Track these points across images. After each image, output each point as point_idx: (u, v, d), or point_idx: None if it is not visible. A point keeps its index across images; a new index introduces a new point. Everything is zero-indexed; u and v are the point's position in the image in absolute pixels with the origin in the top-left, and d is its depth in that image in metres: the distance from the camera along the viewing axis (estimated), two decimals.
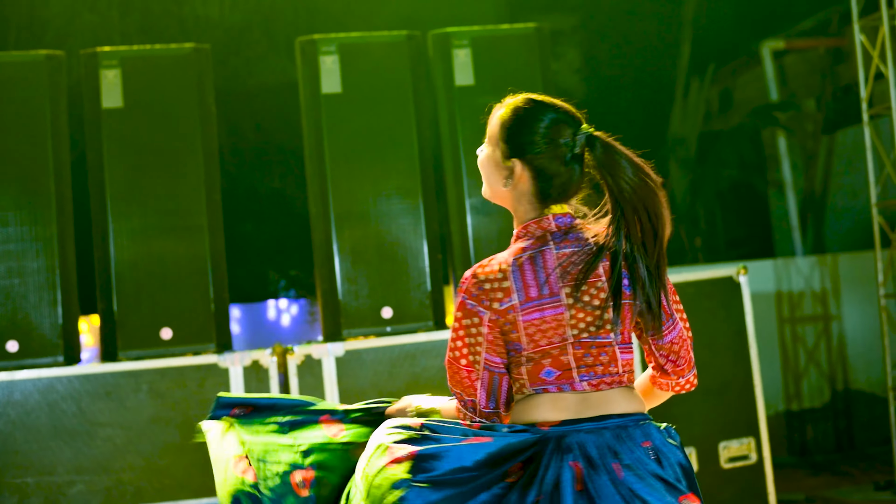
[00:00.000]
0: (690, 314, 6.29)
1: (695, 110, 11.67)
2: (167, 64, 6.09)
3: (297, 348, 5.86)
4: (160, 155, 5.99)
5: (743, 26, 12.77)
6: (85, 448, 5.60)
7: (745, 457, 6.32)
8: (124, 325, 5.84)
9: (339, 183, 6.12)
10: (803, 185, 11.94)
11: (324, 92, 6.16)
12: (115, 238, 5.87)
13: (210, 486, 5.70)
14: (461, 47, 6.31)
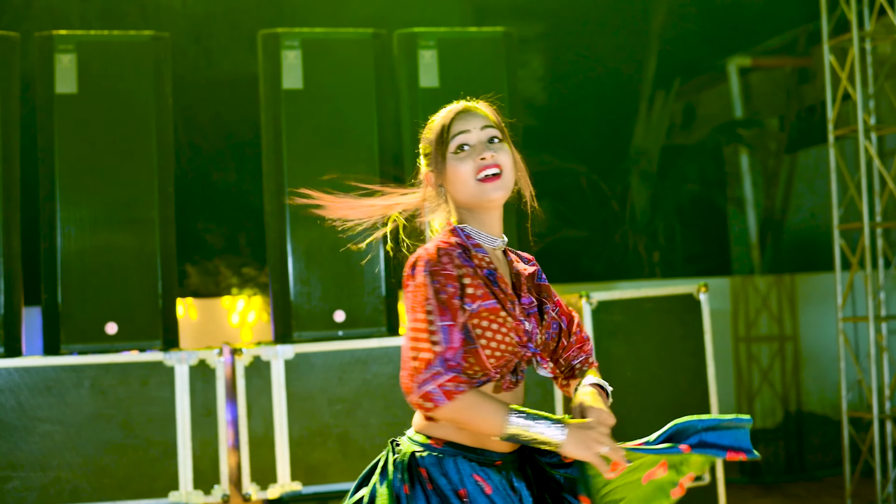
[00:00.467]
0: (649, 330, 6.25)
1: (658, 124, 11.63)
2: (125, 51, 5.94)
3: (245, 349, 5.72)
4: (113, 144, 5.84)
5: (709, 42, 12.75)
6: (22, 443, 5.43)
7: (699, 477, 6.23)
8: (68, 317, 5.68)
9: (296, 181, 5.94)
10: (763, 203, 11.92)
11: (285, 87, 6.03)
12: (62, 227, 5.71)
13: (150, 488, 5.58)
14: (427, 48, 6.19)
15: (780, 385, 9.11)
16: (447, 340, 2.63)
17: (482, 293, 2.70)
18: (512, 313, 2.73)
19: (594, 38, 13.08)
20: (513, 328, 2.72)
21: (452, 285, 2.67)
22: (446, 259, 2.70)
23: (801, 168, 11.69)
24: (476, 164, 2.78)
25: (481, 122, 2.83)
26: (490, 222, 2.83)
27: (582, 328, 3.02)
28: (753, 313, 9.16)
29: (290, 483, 5.67)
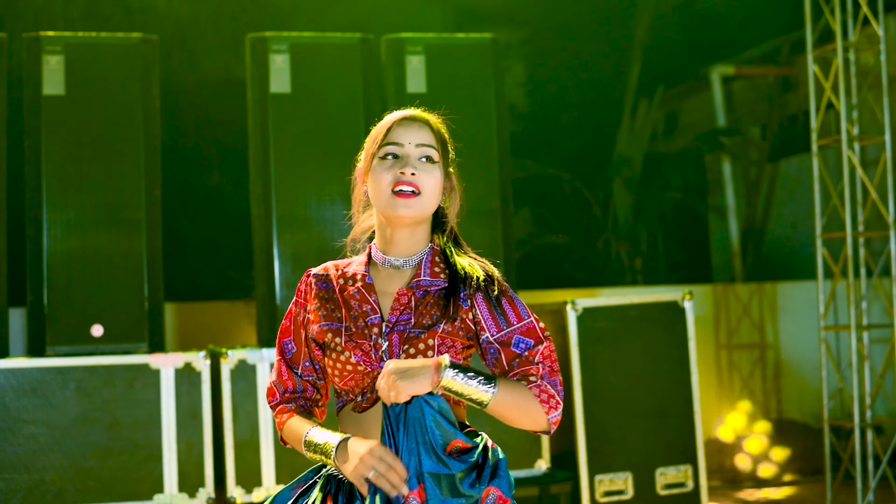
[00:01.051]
0: (633, 337, 6.28)
1: (641, 131, 11.65)
2: (112, 53, 5.94)
3: (231, 353, 5.73)
4: (100, 146, 5.84)
5: (692, 50, 12.78)
6: (6, 445, 5.42)
7: (682, 484, 6.27)
8: (54, 319, 5.68)
9: (283, 185, 6.00)
10: (745, 211, 11.96)
11: (272, 91, 6.04)
12: (48, 229, 5.71)
13: (135, 490, 5.58)
14: (415, 54, 6.21)
15: (761, 392, 9.15)
16: (276, 373, 2.85)
17: (324, 315, 2.74)
18: (356, 332, 2.69)
19: (577, 45, 13.09)
20: (349, 348, 2.67)
21: (301, 314, 2.81)
22: (304, 287, 2.82)
23: (782, 177, 11.74)
24: (395, 175, 2.70)
25: (421, 136, 2.75)
26: (398, 239, 2.75)
27: (537, 356, 2.70)
28: (734, 321, 9.20)
29: (276, 486, 5.67)
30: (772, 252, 11.82)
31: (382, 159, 2.73)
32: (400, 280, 2.76)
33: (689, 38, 12.84)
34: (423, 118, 2.79)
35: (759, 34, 12.22)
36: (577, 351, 6.16)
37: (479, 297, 2.73)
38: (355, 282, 2.75)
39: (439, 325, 2.68)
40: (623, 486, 6.17)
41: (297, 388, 2.82)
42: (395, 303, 2.71)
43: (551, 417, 2.65)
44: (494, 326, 2.70)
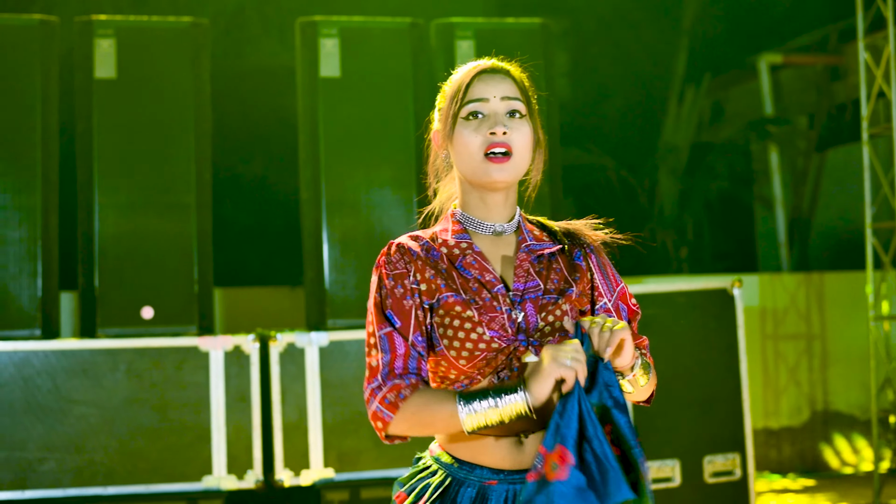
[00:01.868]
0: (681, 324, 6.24)
1: (688, 120, 11.59)
2: (164, 37, 5.96)
3: (280, 336, 5.74)
4: (151, 129, 5.86)
5: (739, 38, 12.70)
6: (58, 425, 5.46)
7: (730, 472, 6.23)
8: (105, 301, 5.71)
9: (333, 170, 6.00)
10: (792, 201, 11.88)
11: (322, 75, 6.04)
12: (100, 212, 5.74)
13: (183, 472, 5.60)
14: (464, 38, 6.20)
15: (807, 384, 9.09)
16: (387, 349, 2.37)
17: (445, 286, 2.38)
18: (485, 304, 2.36)
19: (622, 34, 13.05)
20: (484, 322, 2.34)
21: (401, 285, 2.40)
22: (397, 257, 2.43)
23: (830, 166, 11.65)
24: (485, 137, 2.40)
25: (504, 89, 2.46)
26: (492, 204, 2.46)
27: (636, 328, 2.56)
28: (781, 311, 9.14)
29: (323, 469, 5.68)
30: (819, 242, 11.74)
31: (466, 119, 2.43)
32: (505, 246, 2.48)
33: (735, 26, 12.76)
34: (504, 68, 2.52)
35: (806, 22, 12.12)
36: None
37: (592, 259, 2.53)
38: (462, 250, 2.43)
39: (571, 290, 2.44)
40: (670, 473, 6.14)
41: (411, 365, 2.37)
42: (518, 269, 2.43)
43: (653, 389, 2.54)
44: (609, 291, 2.52)
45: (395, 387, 2.33)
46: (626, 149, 12.20)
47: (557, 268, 2.46)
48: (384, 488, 5.68)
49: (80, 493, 5.48)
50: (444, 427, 2.31)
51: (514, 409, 2.21)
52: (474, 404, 2.23)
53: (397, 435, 2.36)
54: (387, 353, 2.37)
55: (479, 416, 2.23)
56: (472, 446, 2.35)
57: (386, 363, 2.36)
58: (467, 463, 2.36)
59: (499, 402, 2.21)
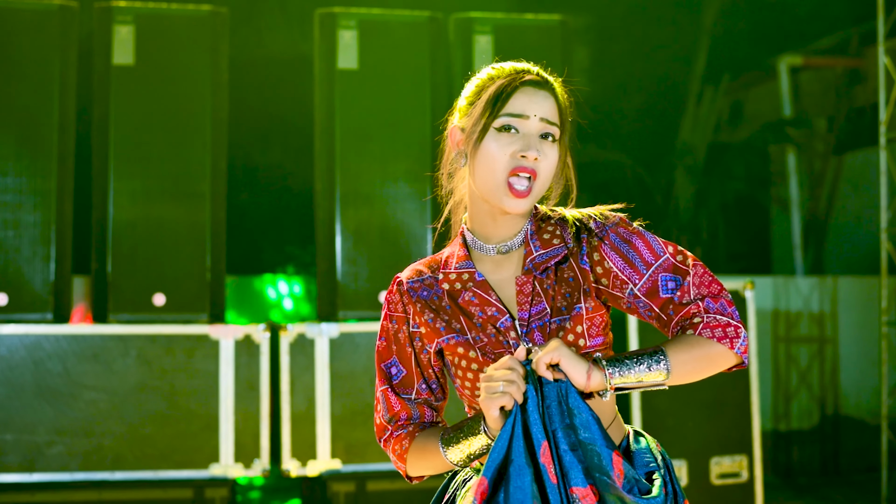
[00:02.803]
0: None
1: (706, 119, 11.57)
2: (182, 24, 5.96)
3: (290, 326, 5.75)
4: (168, 117, 5.87)
5: (760, 39, 12.68)
6: (67, 409, 5.48)
7: (737, 474, 6.22)
8: (117, 287, 5.73)
9: (348, 161, 6.00)
10: (808, 204, 11.85)
11: (339, 67, 6.04)
12: (115, 198, 5.76)
13: (191, 459, 5.62)
14: (483, 34, 6.19)
15: (818, 387, 9.07)
16: (383, 406, 2.41)
17: (444, 328, 2.33)
18: (490, 342, 2.29)
19: (642, 31, 13.02)
20: (490, 362, 2.27)
21: (402, 330, 2.39)
22: (396, 298, 2.39)
23: (847, 170, 11.62)
24: (514, 158, 2.26)
25: (546, 109, 2.31)
26: (501, 221, 2.35)
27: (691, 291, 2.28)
28: (794, 314, 9.12)
29: (330, 461, 5.69)
30: (834, 245, 11.71)
31: (499, 131, 2.29)
32: (509, 265, 2.37)
33: (756, 27, 12.73)
34: (550, 85, 2.36)
35: (828, 25, 12.09)
36: (637, 337, 6.12)
37: (605, 246, 2.34)
38: (463, 282, 2.35)
39: (580, 306, 2.30)
40: (677, 473, 6.12)
41: (413, 416, 2.40)
42: (519, 294, 2.31)
43: (738, 349, 2.24)
44: (636, 274, 2.30)
45: (398, 438, 2.40)
46: (644, 147, 12.18)
47: (570, 276, 2.33)
48: (390, 481, 5.69)
49: (88, 477, 5.51)
50: (445, 466, 2.33)
51: (481, 442, 2.22)
52: (452, 444, 2.27)
53: (419, 476, 2.43)
54: (386, 410, 2.41)
55: (458, 451, 2.27)
56: None
57: (388, 420, 2.41)
58: None
59: (469, 438, 2.24)
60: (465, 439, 2.25)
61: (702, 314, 2.25)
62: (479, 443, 2.22)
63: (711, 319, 2.24)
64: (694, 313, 2.26)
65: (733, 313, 2.26)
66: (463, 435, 2.26)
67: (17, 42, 5.75)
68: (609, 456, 2.11)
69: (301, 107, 7.78)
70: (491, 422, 2.14)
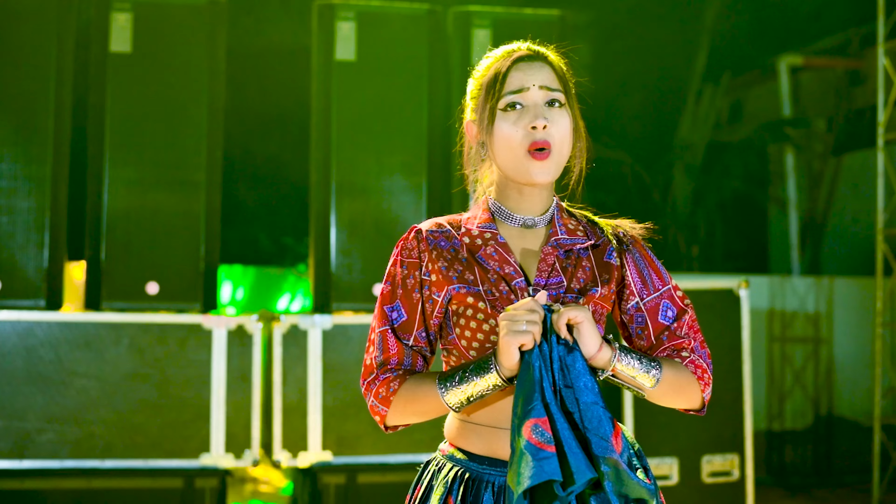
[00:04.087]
0: None
1: (705, 118, 11.56)
2: (181, 14, 5.94)
3: (283, 317, 5.75)
4: (164, 105, 5.86)
5: (760, 39, 12.67)
6: (59, 397, 5.47)
7: (728, 473, 6.22)
8: (110, 274, 5.71)
9: (344, 153, 5.99)
10: (806, 204, 11.85)
11: (337, 58, 6.03)
12: (109, 185, 5.74)
13: (182, 448, 5.61)
14: (482, 27, 6.18)
15: (813, 387, 9.07)
16: (378, 347, 2.40)
17: (456, 277, 2.35)
18: (501, 297, 2.31)
19: (643, 29, 13.01)
20: (497, 315, 2.30)
21: (413, 276, 2.40)
22: (413, 244, 2.42)
23: (845, 171, 11.61)
24: (526, 131, 2.33)
25: (543, 77, 2.38)
26: (529, 196, 2.41)
27: (684, 328, 2.44)
28: (790, 314, 9.11)
29: (321, 452, 5.69)
30: (831, 246, 11.70)
31: (504, 111, 2.36)
32: (534, 239, 2.42)
33: (757, 26, 12.73)
34: (542, 54, 2.44)
35: (829, 26, 12.09)
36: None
37: (628, 257, 2.45)
38: (485, 240, 2.38)
39: (595, 289, 2.37)
40: (668, 471, 6.13)
41: (405, 362, 2.40)
42: (542, 263, 2.36)
43: (706, 395, 2.41)
44: (644, 290, 2.43)
45: (385, 381, 2.37)
46: (642, 144, 12.18)
47: (587, 266, 2.40)
48: (381, 473, 5.69)
49: (78, 465, 5.50)
50: (434, 410, 2.32)
51: (489, 382, 2.21)
52: (453, 383, 2.26)
53: (392, 426, 2.41)
54: (381, 351, 2.39)
55: (458, 392, 2.25)
56: (488, 441, 2.34)
57: (380, 362, 2.39)
58: (485, 457, 2.34)
59: (474, 377, 2.22)
60: (469, 380, 2.24)
61: (690, 354, 2.39)
62: (487, 383, 2.22)
63: (697, 360, 2.39)
64: (685, 347, 2.40)
65: (710, 365, 2.42)
66: (468, 374, 2.24)
67: (15, 28, 5.73)
68: (609, 420, 2.14)
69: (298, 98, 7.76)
70: (507, 359, 2.16)
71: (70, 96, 5.80)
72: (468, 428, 2.37)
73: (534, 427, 2.08)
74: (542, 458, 2.06)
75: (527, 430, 2.08)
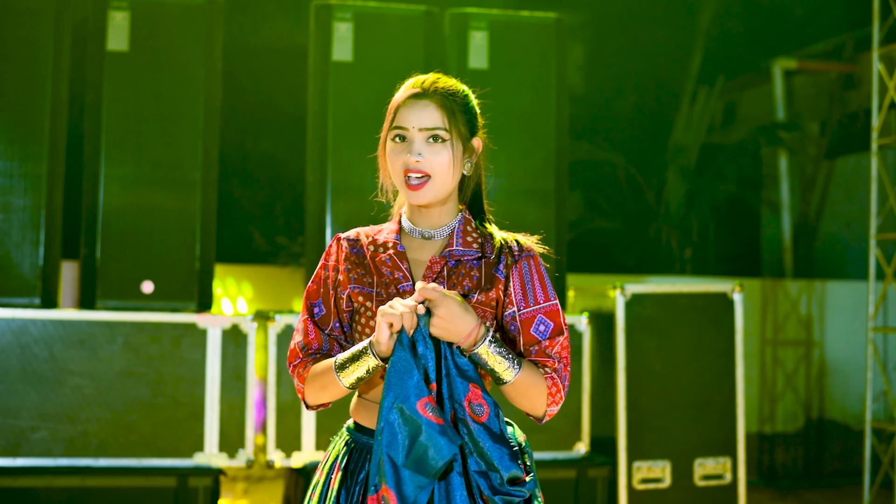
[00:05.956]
0: (680, 326, 6.25)
1: (699, 121, 11.57)
2: (177, 12, 5.95)
3: (278, 317, 5.75)
4: (161, 104, 5.87)
5: (755, 42, 12.68)
6: (52, 395, 5.48)
7: (720, 476, 6.24)
8: (105, 273, 5.72)
9: (340, 153, 6.01)
10: (799, 207, 11.87)
11: (334, 59, 6.04)
12: (105, 184, 5.75)
13: (176, 447, 5.62)
14: (479, 29, 6.19)
15: (804, 390, 9.09)
16: (301, 333, 2.77)
17: (355, 279, 2.70)
18: (387, 298, 2.65)
19: (638, 31, 13.02)
20: None
21: (331, 276, 2.76)
22: (335, 248, 2.79)
23: (838, 175, 11.64)
24: (403, 161, 2.66)
25: (424, 118, 2.67)
26: (424, 213, 2.74)
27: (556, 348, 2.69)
28: (782, 317, 9.13)
29: (315, 452, 5.70)
30: (823, 250, 11.73)
31: (393, 140, 2.70)
32: (432, 250, 2.73)
33: (752, 29, 12.74)
34: (429, 95, 2.70)
35: (823, 29, 12.11)
36: (624, 336, 6.14)
37: (514, 269, 2.71)
38: (386, 249, 2.72)
39: (473, 295, 2.66)
40: (661, 474, 6.15)
41: (324, 347, 2.75)
42: (427, 271, 2.68)
43: (549, 410, 2.68)
44: (523, 301, 2.69)
45: (303, 364, 2.75)
46: (636, 146, 12.19)
47: (476, 275, 2.70)
48: None
49: (71, 463, 5.51)
50: (335, 389, 2.65)
51: (369, 364, 2.56)
52: (343, 369, 2.60)
53: (311, 403, 2.76)
54: (304, 336, 2.77)
55: (348, 374, 2.60)
56: (369, 412, 2.68)
57: (302, 347, 2.76)
58: (367, 428, 2.68)
59: (357, 360, 2.58)
60: (354, 362, 2.58)
61: (552, 373, 2.66)
62: (368, 364, 2.56)
63: (557, 380, 2.66)
64: (548, 366, 2.67)
65: (566, 388, 2.69)
66: (353, 358, 2.58)
67: (12, 26, 5.74)
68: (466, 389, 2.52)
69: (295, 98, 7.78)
70: (379, 338, 2.50)
71: (66, 94, 5.80)
72: (361, 403, 2.72)
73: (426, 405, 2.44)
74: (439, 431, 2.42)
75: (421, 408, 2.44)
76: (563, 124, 6.34)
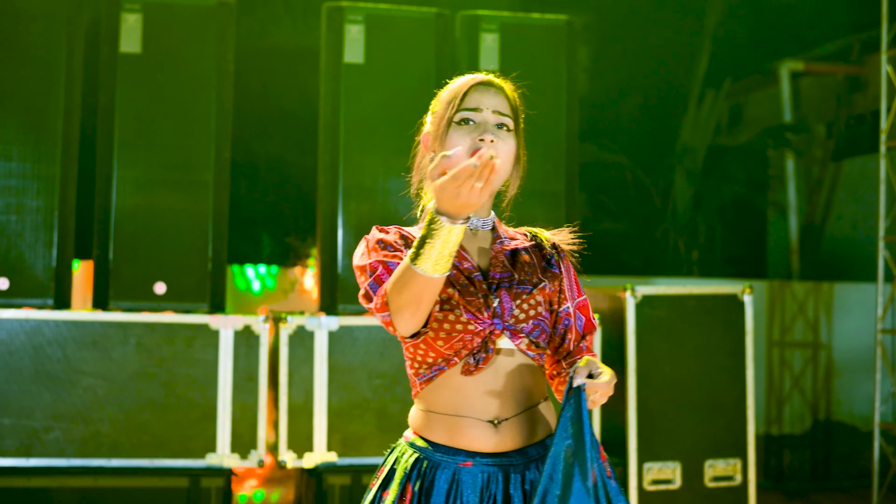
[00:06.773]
0: (690, 327, 6.26)
1: (706, 122, 11.58)
2: (190, 14, 5.97)
3: (290, 318, 5.77)
4: (173, 106, 5.89)
5: (762, 44, 12.68)
6: (66, 395, 5.49)
7: (731, 477, 6.25)
8: (118, 274, 5.74)
9: (351, 155, 6.02)
10: (805, 209, 11.87)
11: (346, 61, 6.06)
12: (118, 185, 5.77)
13: (188, 448, 5.64)
14: (489, 32, 6.21)
15: (811, 392, 9.10)
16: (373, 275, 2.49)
17: None
18: (463, 289, 2.53)
19: (644, 32, 13.02)
20: (462, 304, 2.52)
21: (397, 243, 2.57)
22: (392, 238, 2.58)
23: (845, 177, 11.64)
24: (473, 142, 2.53)
25: (497, 103, 2.61)
26: None
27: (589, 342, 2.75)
28: (789, 318, 9.14)
29: (326, 453, 5.71)
30: (830, 251, 11.73)
31: (459, 125, 2.58)
32: (481, 240, 2.65)
33: (759, 31, 12.75)
34: (499, 84, 2.65)
35: (830, 31, 12.11)
36: (634, 338, 6.15)
37: (565, 263, 2.73)
38: None
39: (545, 283, 2.63)
40: (671, 475, 6.16)
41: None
42: (494, 259, 2.61)
43: None
44: (571, 298, 2.71)
45: (377, 293, 2.44)
46: (643, 148, 12.19)
47: (530, 263, 2.66)
48: None
49: (84, 463, 5.52)
50: (421, 286, 2.33)
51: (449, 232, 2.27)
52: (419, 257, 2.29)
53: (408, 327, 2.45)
54: (372, 276, 2.47)
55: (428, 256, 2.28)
56: (448, 430, 2.54)
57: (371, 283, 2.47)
58: (443, 446, 2.54)
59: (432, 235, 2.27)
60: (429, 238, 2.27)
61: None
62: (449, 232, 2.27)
63: None
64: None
65: None
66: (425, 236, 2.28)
67: (25, 28, 5.76)
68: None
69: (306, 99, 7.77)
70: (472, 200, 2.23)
71: (79, 96, 5.82)
72: (430, 418, 2.57)
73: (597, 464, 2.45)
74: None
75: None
76: (573, 126, 6.36)
